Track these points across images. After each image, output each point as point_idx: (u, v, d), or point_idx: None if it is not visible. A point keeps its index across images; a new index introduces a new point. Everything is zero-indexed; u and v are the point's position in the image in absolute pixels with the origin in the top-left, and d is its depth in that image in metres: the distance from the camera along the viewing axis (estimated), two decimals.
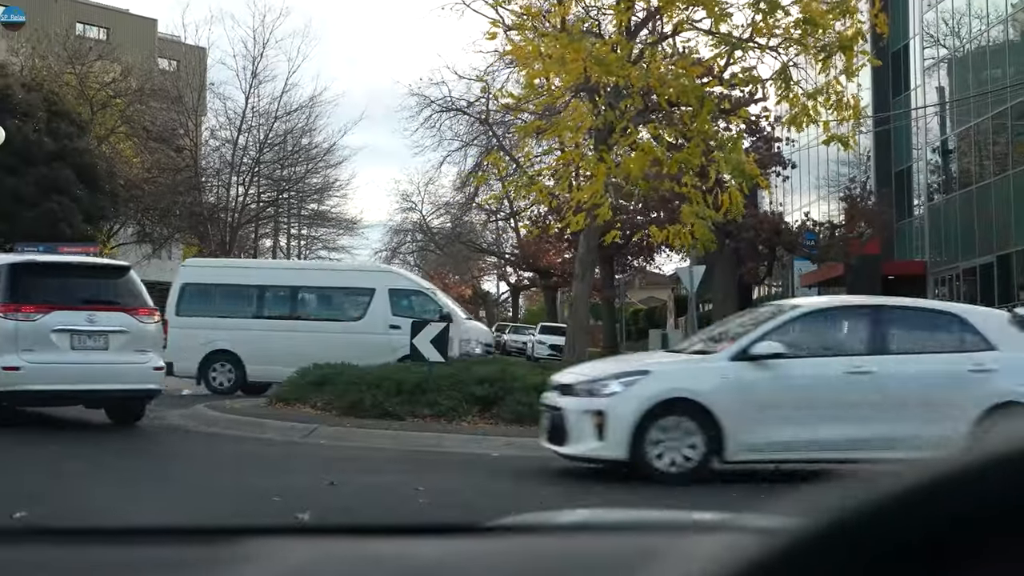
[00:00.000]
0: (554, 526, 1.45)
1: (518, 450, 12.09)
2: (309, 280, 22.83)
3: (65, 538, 1.32)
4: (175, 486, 9.30)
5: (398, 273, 22.48)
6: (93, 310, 13.01)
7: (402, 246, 66.49)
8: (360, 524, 1.39)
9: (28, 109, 35.13)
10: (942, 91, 40.49)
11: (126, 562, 1.23)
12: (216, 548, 1.25)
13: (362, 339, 19.56)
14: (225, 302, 21.65)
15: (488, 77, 42.15)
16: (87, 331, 12.97)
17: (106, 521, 6.46)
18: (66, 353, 12.82)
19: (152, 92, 45.42)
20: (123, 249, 46.04)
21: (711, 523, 1.44)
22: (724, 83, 16.80)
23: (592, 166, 15.31)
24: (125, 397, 13.42)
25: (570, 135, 16.34)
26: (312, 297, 22.18)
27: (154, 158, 43.98)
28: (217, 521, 1.71)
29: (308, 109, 46.06)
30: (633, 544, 1.24)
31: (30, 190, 33.77)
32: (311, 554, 1.23)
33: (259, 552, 1.21)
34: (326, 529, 1.39)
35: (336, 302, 21.78)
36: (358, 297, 21.17)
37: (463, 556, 1.25)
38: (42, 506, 7.29)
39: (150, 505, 7.69)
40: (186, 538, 1.33)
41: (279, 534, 1.33)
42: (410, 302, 20.85)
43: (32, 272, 13.27)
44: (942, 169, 41.29)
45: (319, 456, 11.30)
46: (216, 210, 43.64)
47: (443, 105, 45.42)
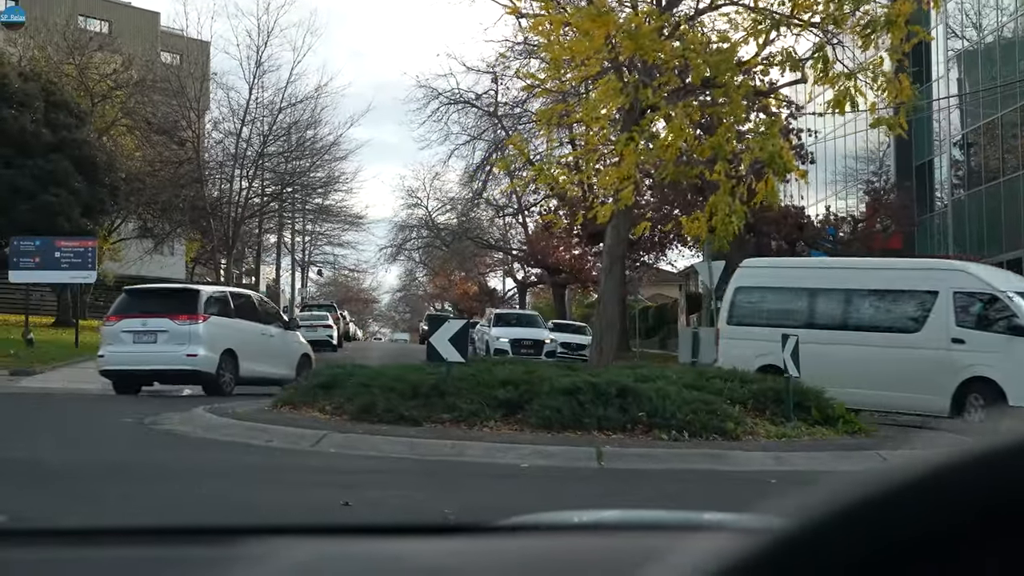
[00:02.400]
0: (561, 525, 1.45)
1: (548, 459, 10.99)
2: (862, 281, 18.51)
3: (65, 538, 1.32)
4: (156, 501, 8.16)
5: (966, 272, 17.87)
6: (146, 317, 18.80)
7: (407, 242, 65.68)
8: (365, 524, 1.43)
9: (25, 99, 34.05)
10: (962, 82, 39.35)
11: (127, 561, 1.23)
12: (216, 548, 1.26)
13: (917, 356, 16.75)
14: (776, 309, 18.72)
15: (498, 67, 41.29)
16: (142, 331, 18.70)
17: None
18: (129, 345, 18.65)
19: (153, 83, 44.42)
20: (124, 245, 45.05)
21: (719, 523, 1.44)
22: (762, 63, 15.66)
23: (621, 145, 14.15)
24: (168, 373, 18.82)
25: (597, 117, 15.23)
26: (865, 302, 18.45)
27: (156, 151, 42.96)
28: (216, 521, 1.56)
29: (313, 100, 45.04)
30: (640, 544, 1.24)
31: (27, 182, 32.69)
32: (313, 554, 1.23)
33: (261, 552, 1.21)
34: (330, 529, 1.38)
35: (890, 308, 18.06)
36: (917, 302, 17.58)
37: (467, 556, 1.23)
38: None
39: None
40: (187, 538, 1.34)
41: (280, 534, 1.33)
42: (980, 309, 16.95)
43: (130, 294, 20.07)
44: (966, 163, 40.13)
45: (330, 468, 10.18)
46: (219, 204, 42.59)
47: (451, 97, 44.50)
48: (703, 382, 13.57)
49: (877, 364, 16.63)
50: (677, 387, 12.83)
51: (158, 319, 18.47)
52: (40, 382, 20.96)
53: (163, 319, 18.45)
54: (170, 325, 18.45)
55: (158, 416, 14.24)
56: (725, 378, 14.07)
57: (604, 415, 12.26)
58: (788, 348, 13.39)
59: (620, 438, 11.99)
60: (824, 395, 13.93)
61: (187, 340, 18.41)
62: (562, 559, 1.22)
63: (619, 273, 16.53)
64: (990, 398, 15.84)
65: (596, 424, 12.17)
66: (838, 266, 20.10)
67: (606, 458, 11.09)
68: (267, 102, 43.91)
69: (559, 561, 1.22)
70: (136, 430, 12.97)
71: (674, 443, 11.69)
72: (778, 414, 13.23)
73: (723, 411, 12.45)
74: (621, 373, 13.60)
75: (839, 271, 19.17)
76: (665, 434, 11.97)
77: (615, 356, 16.78)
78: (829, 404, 13.75)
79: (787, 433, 12.56)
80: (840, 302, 18.33)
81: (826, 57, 15.60)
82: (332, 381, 14.01)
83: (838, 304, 18.34)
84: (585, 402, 12.37)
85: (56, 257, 28.19)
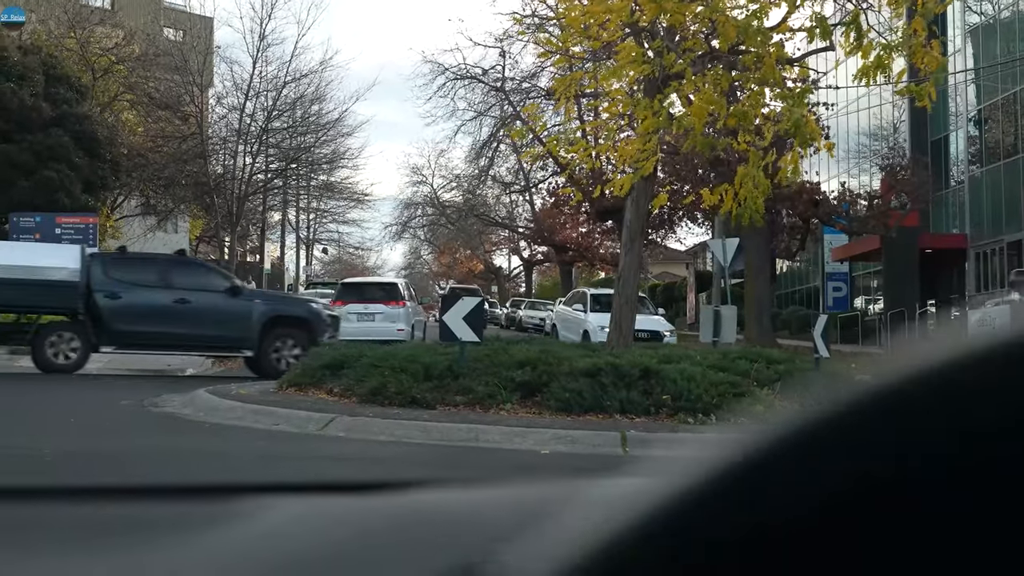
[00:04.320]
0: None
1: (569, 445, 10.41)
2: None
3: (63, 496, 1.31)
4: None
5: None
6: (367, 303, 25.66)
7: (412, 220, 65.12)
8: (353, 481, 1.44)
9: (25, 72, 33.34)
10: (978, 57, 38.59)
11: (125, 519, 1.23)
12: (214, 505, 1.27)
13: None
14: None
15: (506, 41, 40.57)
16: (364, 313, 25.27)
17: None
18: (355, 324, 24.14)
19: (156, 58, 43.72)
20: (127, 222, 44.48)
21: None
22: (791, 30, 14.94)
23: (643, 108, 13.45)
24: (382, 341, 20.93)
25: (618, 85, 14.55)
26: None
27: (159, 126, 42.31)
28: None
29: (318, 75, 44.34)
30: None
31: (26, 157, 32.03)
32: (307, 508, 1.24)
33: (255, 507, 1.21)
34: (325, 486, 1.38)
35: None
36: None
37: (450, 505, 1.25)
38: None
39: None
40: (184, 496, 1.35)
41: (276, 491, 1.34)
42: None
43: (347, 286, 27.92)
44: (982, 138, 39.39)
45: (340, 454, 9.59)
46: (223, 180, 41.95)
47: (457, 72, 43.82)
48: (728, 363, 12.98)
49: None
50: (702, 368, 12.25)
51: (374, 304, 25.68)
52: None
53: (378, 304, 25.70)
54: (384, 309, 25.55)
55: (158, 398, 13.70)
56: (751, 359, 13.49)
57: (627, 398, 11.69)
58: (818, 327, 12.80)
59: (644, 422, 11.42)
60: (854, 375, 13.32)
61: (397, 319, 25.46)
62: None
63: (639, 249, 15.87)
64: None
65: (618, 408, 11.60)
66: None
67: (630, 443, 10.52)
68: (271, 76, 43.26)
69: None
70: (135, 413, 12.39)
71: (701, 427, 11.11)
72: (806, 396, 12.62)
73: (751, 393, 11.85)
74: (644, 354, 12.99)
75: None
76: (691, 418, 11.38)
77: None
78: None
79: None
80: None
81: (860, 26, 14.91)
82: (340, 362, 13.42)
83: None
84: (607, 384, 11.79)
85: (57, 234, 27.62)
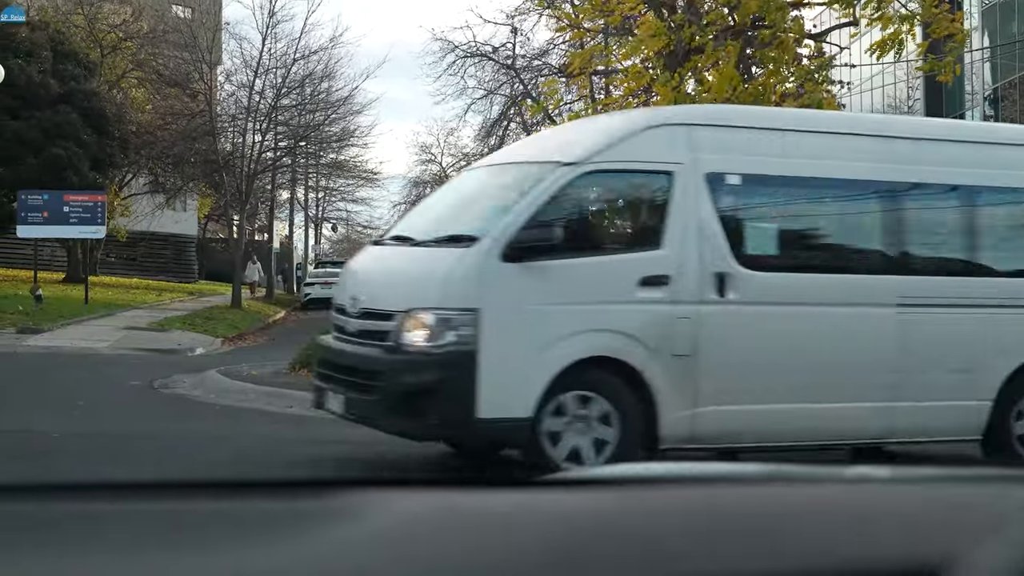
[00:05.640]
0: (617, 478, 1.44)
1: None
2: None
3: (145, 492, 1.25)
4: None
5: None
6: None
7: (421, 198, 64.84)
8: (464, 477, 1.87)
9: (32, 48, 33.05)
10: (995, 35, 38.15)
11: (198, 516, 1.16)
12: (300, 501, 1.22)
13: None
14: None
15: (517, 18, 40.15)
16: None
17: None
18: None
19: (164, 34, 43.40)
20: (135, 200, 44.26)
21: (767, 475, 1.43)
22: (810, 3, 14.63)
23: (662, 86, 13.13)
24: None
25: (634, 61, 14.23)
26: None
27: (167, 103, 42.00)
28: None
29: (328, 52, 43.96)
30: (690, 496, 1.24)
31: (34, 134, 31.77)
32: (417, 505, 1.19)
33: (354, 504, 1.16)
34: (419, 482, 1.31)
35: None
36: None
37: (529, 509, 1.20)
38: None
39: None
40: (265, 492, 1.28)
41: (366, 486, 1.28)
42: None
43: None
44: (1000, 117, 39.00)
45: (360, 439, 9.34)
46: (232, 158, 41.66)
47: (467, 50, 43.42)
48: None
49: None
50: None
51: None
52: (47, 340, 20.16)
53: None
54: None
55: (168, 379, 13.47)
56: None
57: None
58: None
59: None
60: None
61: None
62: (623, 512, 1.18)
63: None
64: None
65: None
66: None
67: None
68: (280, 54, 42.88)
69: (619, 514, 1.17)
70: (145, 394, 12.16)
71: None
72: None
73: None
74: None
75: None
76: None
77: None
78: None
79: None
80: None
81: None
82: None
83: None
84: None
85: (65, 212, 27.36)
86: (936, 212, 9.00)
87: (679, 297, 7.68)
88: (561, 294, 7.46)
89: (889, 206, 8.71)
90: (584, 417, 7.49)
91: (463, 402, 7.21)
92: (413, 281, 7.71)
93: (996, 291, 8.67)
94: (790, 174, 8.27)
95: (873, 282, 8.35)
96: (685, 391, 7.64)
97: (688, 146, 7.91)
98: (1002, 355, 8.57)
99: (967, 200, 8.99)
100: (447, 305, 7.33)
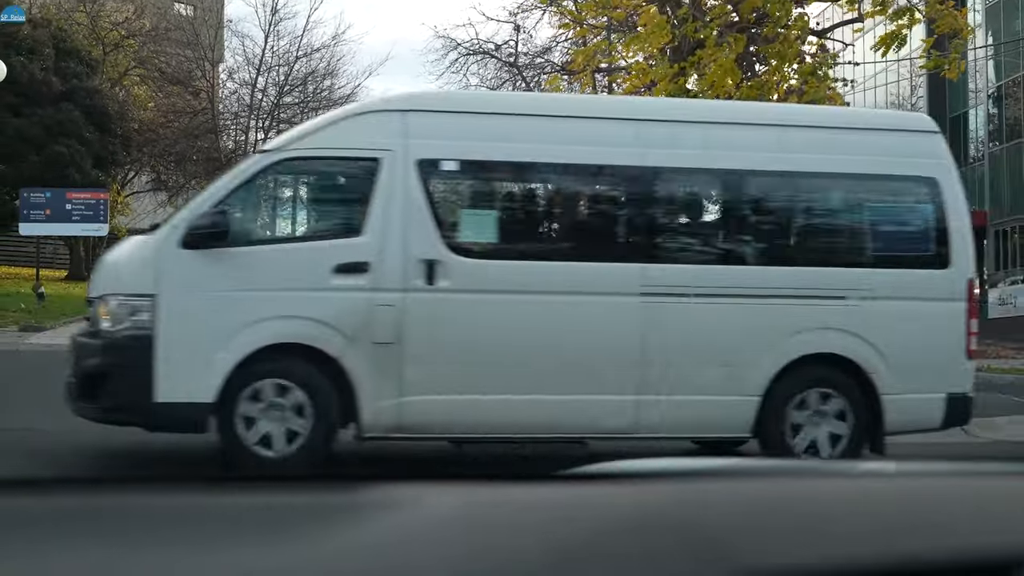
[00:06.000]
0: (636, 473, 1.40)
1: None
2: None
3: (197, 487, 1.26)
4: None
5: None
6: None
7: None
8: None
9: (34, 46, 33.05)
10: (999, 32, 38.06)
11: (243, 509, 1.16)
12: (344, 495, 1.22)
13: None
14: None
15: (519, 16, 40.16)
16: None
17: None
18: None
19: (166, 32, 43.41)
20: (137, 197, 44.25)
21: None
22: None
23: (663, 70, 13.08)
24: None
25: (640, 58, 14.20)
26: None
27: (170, 101, 42.01)
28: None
29: (330, 49, 43.99)
30: (712, 490, 1.22)
31: (36, 132, 31.77)
32: (466, 499, 1.19)
33: (401, 497, 1.16)
34: (463, 477, 1.31)
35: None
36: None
37: (551, 503, 1.19)
38: None
39: None
40: (309, 485, 1.29)
41: (408, 481, 1.26)
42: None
43: None
44: (1004, 115, 38.89)
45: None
46: (234, 156, 41.67)
47: (470, 48, 43.40)
48: None
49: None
50: None
51: None
52: (49, 338, 20.13)
53: None
54: None
55: None
56: None
57: None
58: None
59: None
60: None
61: None
62: (658, 505, 1.15)
63: None
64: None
65: None
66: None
67: None
68: (283, 51, 42.91)
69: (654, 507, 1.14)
70: None
71: None
72: None
73: None
74: None
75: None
76: None
77: None
78: None
79: None
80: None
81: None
82: None
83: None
84: None
85: (67, 209, 27.34)
86: (685, 198, 8.49)
87: (380, 284, 7.48)
88: (248, 280, 7.37)
89: (624, 191, 8.25)
90: (280, 405, 7.41)
91: (139, 386, 7.17)
92: (110, 268, 7.79)
93: (761, 281, 8.01)
94: (510, 159, 7.96)
95: (607, 270, 7.86)
96: (389, 380, 7.44)
97: (401, 132, 7.69)
98: (770, 349, 7.93)
99: (723, 185, 8.42)
100: (126, 291, 7.36)
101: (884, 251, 8.41)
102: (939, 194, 8.24)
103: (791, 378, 7.93)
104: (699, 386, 7.75)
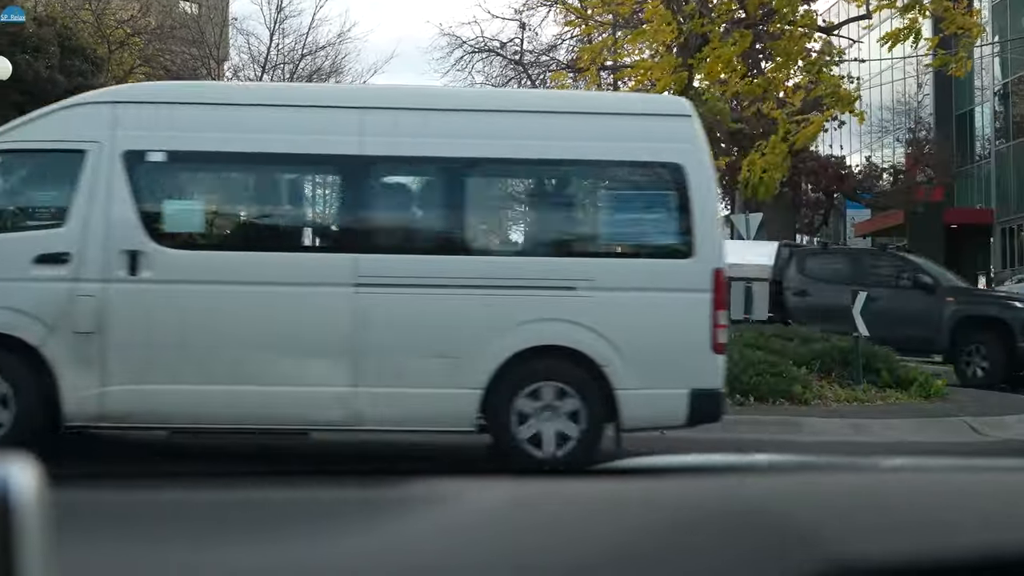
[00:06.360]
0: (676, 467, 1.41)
1: None
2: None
3: (232, 481, 1.26)
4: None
5: None
6: None
7: None
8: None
9: (40, 44, 33.01)
10: (1005, 30, 37.95)
11: (281, 506, 1.14)
12: (380, 490, 1.22)
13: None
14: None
15: (525, 14, 40.08)
16: None
17: None
18: None
19: (172, 30, 43.38)
20: None
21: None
22: None
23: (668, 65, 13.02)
24: None
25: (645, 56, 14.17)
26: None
27: None
28: None
29: (335, 47, 43.94)
30: (752, 486, 1.21)
31: None
32: (506, 495, 1.18)
33: (441, 493, 1.15)
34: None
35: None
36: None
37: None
38: None
39: None
40: (346, 480, 1.29)
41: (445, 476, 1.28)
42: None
43: None
44: (1010, 112, 38.79)
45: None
46: None
47: (475, 46, 43.35)
48: (763, 341, 12.61)
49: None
50: (739, 347, 11.87)
51: None
52: None
53: None
54: None
55: None
56: (785, 337, 13.15)
57: None
58: (858, 305, 12.42)
59: None
60: (894, 356, 12.96)
61: None
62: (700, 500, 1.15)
63: None
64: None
65: None
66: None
67: None
68: (288, 49, 42.88)
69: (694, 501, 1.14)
70: None
71: (740, 408, 10.74)
72: (845, 376, 12.30)
73: (790, 373, 11.48)
74: None
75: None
76: (729, 399, 11.03)
77: None
78: (901, 365, 12.78)
79: (859, 397, 11.60)
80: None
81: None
82: None
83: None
84: None
85: None
86: (403, 187, 8.43)
87: (81, 275, 7.55)
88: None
89: (340, 181, 8.17)
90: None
91: None
92: None
93: (481, 271, 7.76)
94: (219, 150, 7.87)
95: (319, 260, 7.82)
96: (91, 369, 7.47)
97: (109, 124, 7.70)
98: (492, 341, 7.62)
99: (444, 174, 8.13)
100: None
101: (620, 240, 8.27)
102: (683, 181, 7.80)
103: (518, 371, 7.63)
104: (416, 378, 7.56)
